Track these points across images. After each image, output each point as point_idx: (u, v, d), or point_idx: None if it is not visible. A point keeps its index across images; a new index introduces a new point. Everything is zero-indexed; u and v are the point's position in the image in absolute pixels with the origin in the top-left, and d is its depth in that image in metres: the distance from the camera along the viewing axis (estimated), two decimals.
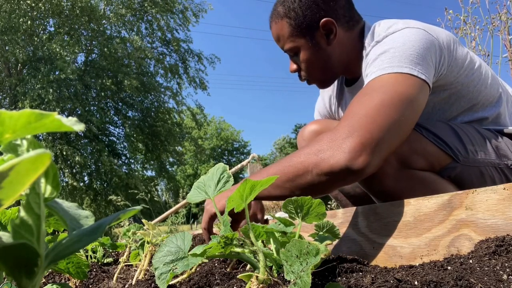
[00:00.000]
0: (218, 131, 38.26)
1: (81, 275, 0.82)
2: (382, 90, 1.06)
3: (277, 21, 1.38)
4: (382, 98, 1.04)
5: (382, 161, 1.01)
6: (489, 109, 1.33)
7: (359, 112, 1.02)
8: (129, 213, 0.39)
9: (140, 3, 14.45)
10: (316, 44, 1.35)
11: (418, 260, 0.90)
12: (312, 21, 1.33)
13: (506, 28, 2.67)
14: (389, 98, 1.04)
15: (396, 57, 1.12)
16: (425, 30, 1.19)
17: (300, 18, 1.33)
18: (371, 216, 1.05)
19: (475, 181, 1.20)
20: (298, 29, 1.34)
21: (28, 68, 12.74)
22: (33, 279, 0.30)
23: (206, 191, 0.82)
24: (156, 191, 13.14)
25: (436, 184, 1.15)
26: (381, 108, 1.02)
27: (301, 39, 1.35)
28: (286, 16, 1.35)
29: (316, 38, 1.35)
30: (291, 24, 1.35)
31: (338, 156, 0.97)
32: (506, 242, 0.73)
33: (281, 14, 1.36)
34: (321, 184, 1.01)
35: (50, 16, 13.12)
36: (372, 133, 0.98)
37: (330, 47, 1.36)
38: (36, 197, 0.31)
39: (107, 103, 14.54)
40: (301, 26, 1.34)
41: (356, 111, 1.04)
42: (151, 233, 1.12)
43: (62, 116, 0.27)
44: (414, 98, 1.06)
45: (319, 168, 0.99)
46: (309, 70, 1.41)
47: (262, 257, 0.62)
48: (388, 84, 1.07)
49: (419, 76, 1.08)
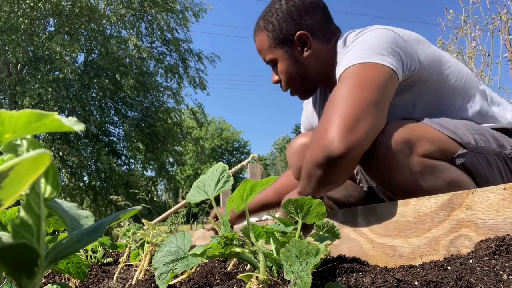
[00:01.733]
0: (218, 131, 38.28)
1: (81, 275, 0.82)
2: (350, 77, 1.13)
3: (258, 34, 1.47)
4: (350, 84, 1.11)
5: (365, 140, 1.05)
6: (469, 105, 1.35)
7: (332, 106, 1.11)
8: (129, 213, 0.39)
9: (140, 2, 14.45)
10: (292, 55, 1.42)
11: (418, 260, 0.90)
12: (288, 34, 1.41)
13: (506, 28, 2.67)
14: (357, 81, 1.11)
15: (364, 51, 1.18)
16: (391, 30, 1.26)
17: (277, 31, 1.42)
18: (371, 216, 1.05)
19: (485, 168, 1.21)
20: (275, 41, 1.43)
21: (28, 68, 12.74)
22: (33, 279, 0.30)
23: (206, 191, 0.82)
24: (156, 191, 13.14)
25: (450, 172, 1.15)
26: (350, 92, 1.09)
27: (279, 50, 1.43)
28: (265, 29, 1.44)
29: (292, 50, 1.42)
30: (269, 37, 1.43)
31: (318, 150, 1.08)
32: (506, 242, 0.73)
33: (261, 27, 1.45)
34: (323, 177, 1.10)
35: (50, 16, 13.12)
36: (344, 117, 1.05)
37: (305, 59, 1.42)
38: (36, 197, 0.31)
39: (107, 103, 14.53)
40: (278, 39, 1.42)
41: (328, 106, 1.12)
42: (151, 233, 1.11)
43: (62, 116, 0.27)
44: (383, 81, 1.11)
45: (314, 168, 1.10)
46: (288, 81, 1.47)
47: (262, 257, 0.62)
48: (356, 72, 1.14)
49: (386, 64, 1.14)
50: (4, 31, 11.59)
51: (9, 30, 11.63)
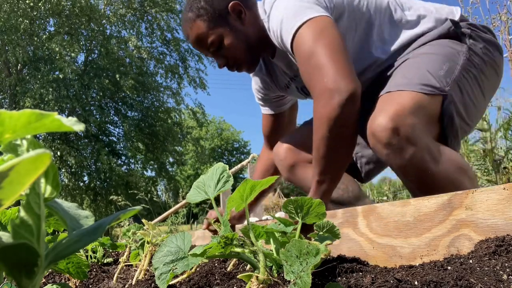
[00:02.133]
0: (218, 131, 38.26)
1: (81, 275, 0.82)
2: (305, 38, 1.26)
3: (193, 25, 1.49)
4: (310, 44, 1.25)
5: (344, 70, 1.19)
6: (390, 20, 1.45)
7: (312, 64, 1.24)
8: (129, 213, 0.39)
9: (140, 2, 14.44)
10: (233, 27, 1.48)
11: (418, 260, 0.90)
12: (222, 9, 1.47)
13: (506, 28, 2.67)
14: (314, 37, 1.25)
15: (296, 12, 1.30)
16: None
17: (211, 11, 1.46)
18: (371, 216, 1.05)
19: (466, 93, 1.31)
20: (213, 21, 1.47)
21: (28, 68, 12.74)
22: (33, 279, 0.30)
23: (206, 191, 0.82)
24: (156, 191, 13.12)
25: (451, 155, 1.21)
26: (317, 48, 1.23)
27: (219, 28, 1.47)
28: (198, 17, 1.47)
29: (231, 23, 1.48)
30: (205, 20, 1.47)
31: (330, 98, 1.18)
32: (506, 242, 0.73)
33: (193, 17, 1.48)
34: (343, 120, 1.18)
35: (50, 16, 13.12)
36: (331, 63, 1.20)
37: (245, 27, 1.49)
38: (36, 197, 0.31)
39: (106, 103, 14.53)
40: (215, 18, 1.47)
41: (308, 66, 1.25)
42: (151, 233, 1.11)
43: (62, 116, 0.27)
44: (324, 26, 1.26)
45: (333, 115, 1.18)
46: (236, 55, 1.52)
47: (262, 257, 0.62)
48: (306, 31, 1.27)
49: (321, 15, 1.27)
50: (4, 31, 11.59)
51: (9, 30, 11.63)
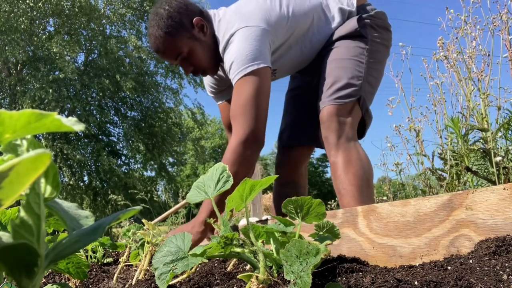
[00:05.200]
0: (219, 131, 38.24)
1: (81, 275, 0.82)
2: (243, 93, 1.57)
3: (160, 42, 1.68)
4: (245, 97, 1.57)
5: (261, 125, 1.56)
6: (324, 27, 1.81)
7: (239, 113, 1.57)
8: (129, 213, 0.39)
9: (140, 2, 14.43)
10: (198, 39, 1.70)
11: (418, 260, 0.90)
12: (187, 25, 1.68)
13: (507, 28, 2.66)
14: (249, 95, 1.56)
15: (240, 61, 1.57)
16: (247, 27, 1.60)
17: (178, 27, 1.67)
18: (371, 216, 1.05)
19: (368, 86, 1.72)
20: (179, 35, 1.68)
21: (28, 68, 12.73)
22: (33, 279, 0.30)
23: (205, 191, 0.82)
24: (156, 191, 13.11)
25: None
26: (247, 103, 1.56)
27: (187, 41, 1.69)
28: (166, 34, 1.66)
29: (196, 35, 1.70)
30: (173, 35, 1.67)
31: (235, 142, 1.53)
32: (506, 242, 0.73)
33: (161, 34, 1.67)
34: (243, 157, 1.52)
35: (50, 16, 13.10)
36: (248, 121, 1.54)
37: (207, 37, 1.72)
38: (36, 197, 0.31)
39: (106, 103, 14.51)
40: (181, 32, 1.67)
41: (236, 108, 1.59)
42: (151, 233, 1.11)
43: (62, 116, 0.27)
44: (261, 84, 1.57)
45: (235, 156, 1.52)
46: (202, 62, 1.75)
47: (262, 257, 0.62)
48: (244, 87, 1.57)
49: (259, 67, 1.57)
50: (4, 31, 11.57)
51: (8, 30, 11.61)
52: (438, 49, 2.82)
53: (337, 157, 1.61)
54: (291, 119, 2.07)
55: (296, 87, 2.09)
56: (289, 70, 1.92)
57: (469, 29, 2.79)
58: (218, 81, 2.02)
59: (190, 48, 1.70)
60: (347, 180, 1.56)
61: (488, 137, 2.12)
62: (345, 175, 1.57)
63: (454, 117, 2.37)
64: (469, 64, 2.66)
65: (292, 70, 1.92)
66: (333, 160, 1.63)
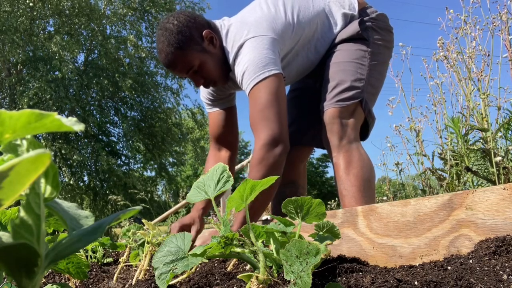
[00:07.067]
0: None
1: (81, 275, 0.82)
2: (259, 100, 1.57)
3: (172, 58, 1.68)
4: (262, 103, 1.57)
5: (283, 127, 1.56)
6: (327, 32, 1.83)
7: (258, 120, 1.57)
8: (129, 213, 0.39)
9: (140, 2, 14.42)
10: (208, 52, 1.71)
11: (418, 260, 0.90)
12: (197, 39, 1.69)
13: (507, 28, 2.67)
14: (265, 100, 1.57)
15: (252, 70, 1.58)
16: (255, 37, 1.61)
17: (188, 42, 1.66)
18: (371, 216, 1.05)
19: (369, 87, 1.74)
20: (190, 49, 1.67)
21: (28, 68, 12.72)
22: (33, 279, 0.29)
23: (206, 191, 0.82)
24: (156, 191, 13.10)
25: None
26: (265, 108, 1.56)
27: (198, 54, 1.69)
28: (177, 49, 1.66)
29: (206, 48, 1.71)
30: (184, 49, 1.66)
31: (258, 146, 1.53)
32: (506, 242, 0.73)
33: (171, 50, 1.66)
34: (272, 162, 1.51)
35: (50, 16, 13.10)
36: (269, 125, 1.54)
37: (217, 49, 1.73)
38: (36, 197, 0.30)
39: (106, 103, 14.50)
40: (192, 46, 1.68)
41: (254, 117, 1.59)
42: (151, 233, 1.11)
43: (62, 116, 0.27)
44: (277, 88, 1.57)
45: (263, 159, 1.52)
46: (212, 75, 1.75)
47: (262, 257, 0.62)
48: (260, 93, 1.57)
49: (271, 74, 1.57)
50: (4, 31, 11.57)
51: (8, 30, 11.61)
52: (438, 49, 2.82)
53: (339, 159, 1.62)
54: (291, 119, 2.08)
55: (297, 88, 2.09)
56: (296, 76, 1.93)
57: (469, 29, 2.79)
58: (219, 89, 1.98)
59: (201, 61, 1.70)
60: (349, 181, 1.57)
61: (488, 137, 2.12)
62: (347, 176, 1.58)
63: (454, 117, 2.37)
64: (469, 64, 2.66)
65: (299, 76, 1.93)
66: (335, 161, 1.64)
